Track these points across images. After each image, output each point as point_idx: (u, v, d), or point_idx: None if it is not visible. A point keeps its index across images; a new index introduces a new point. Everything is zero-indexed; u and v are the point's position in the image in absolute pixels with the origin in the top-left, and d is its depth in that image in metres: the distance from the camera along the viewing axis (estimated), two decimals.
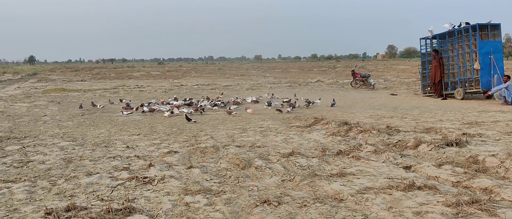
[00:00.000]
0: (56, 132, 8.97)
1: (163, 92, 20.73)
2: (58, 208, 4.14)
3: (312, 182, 4.97)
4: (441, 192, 4.48)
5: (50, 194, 4.73)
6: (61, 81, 30.41)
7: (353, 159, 6.10)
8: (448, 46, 16.50)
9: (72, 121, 10.80)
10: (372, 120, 10.04)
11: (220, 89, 22.26)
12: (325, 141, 7.56)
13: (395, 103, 14.77)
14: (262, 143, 7.47)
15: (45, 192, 4.79)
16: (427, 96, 17.06)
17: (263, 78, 31.98)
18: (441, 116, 10.62)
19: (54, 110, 13.39)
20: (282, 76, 34.77)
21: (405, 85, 22.99)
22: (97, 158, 6.43)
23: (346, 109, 12.92)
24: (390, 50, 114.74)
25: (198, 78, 33.73)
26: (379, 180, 5.00)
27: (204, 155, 6.58)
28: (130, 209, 4.13)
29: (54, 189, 4.89)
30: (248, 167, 5.76)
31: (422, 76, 17.95)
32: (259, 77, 34.21)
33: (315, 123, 9.41)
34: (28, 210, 4.21)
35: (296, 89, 21.54)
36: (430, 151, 6.38)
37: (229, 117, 11.22)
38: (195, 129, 9.15)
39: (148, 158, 6.38)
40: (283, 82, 26.99)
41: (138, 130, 9.15)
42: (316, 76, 32.55)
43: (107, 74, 40.54)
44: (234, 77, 33.97)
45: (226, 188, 4.86)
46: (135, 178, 5.23)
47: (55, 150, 7.09)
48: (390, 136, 7.67)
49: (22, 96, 18.14)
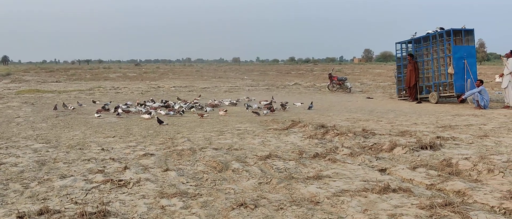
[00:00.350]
0: (29, 134, 8.80)
1: (140, 94, 20.55)
2: (30, 212, 4.06)
3: (288, 184, 4.99)
4: (415, 195, 4.54)
5: (23, 197, 4.64)
6: (36, 82, 29.88)
7: (329, 161, 6.14)
8: (423, 51, 16.78)
9: (46, 122, 10.62)
10: (349, 123, 10.12)
11: (198, 91, 22.17)
12: (302, 143, 7.59)
13: (371, 106, 14.93)
14: (239, 145, 7.47)
15: (17, 195, 4.69)
16: (402, 99, 17.32)
17: (241, 81, 31.98)
18: (415, 119, 10.77)
19: (28, 111, 13.15)
20: (260, 78, 34.83)
21: (381, 89, 23.28)
22: (71, 161, 6.33)
23: (323, 112, 13.00)
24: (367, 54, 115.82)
25: (176, 80, 33.53)
26: (355, 182, 5.05)
27: (180, 157, 6.54)
28: (105, 212, 4.07)
29: (27, 192, 4.79)
30: (225, 170, 5.74)
31: (398, 80, 18.22)
32: (237, 79, 34.20)
33: (293, 125, 9.44)
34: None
35: (274, 92, 21.60)
36: (405, 154, 6.47)
37: (205, 119, 11.17)
38: (172, 132, 9.09)
39: (123, 161, 6.30)
40: (261, 85, 27.03)
41: (113, 132, 9.04)
42: (293, 79, 32.70)
43: (83, 75, 39.96)
44: (212, 80, 33.89)
45: (202, 191, 4.84)
46: (110, 181, 5.16)
47: (28, 152, 6.96)
48: (366, 139, 7.74)
49: None
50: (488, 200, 4.29)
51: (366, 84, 26.99)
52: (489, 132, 8.40)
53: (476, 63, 15.74)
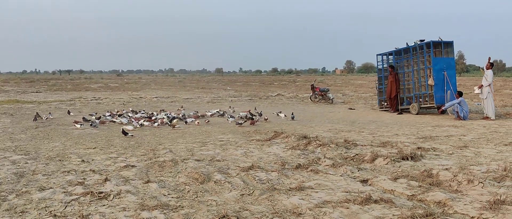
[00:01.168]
0: (8, 145, 8.65)
1: (122, 104, 20.38)
2: None
3: (271, 196, 4.97)
4: (397, 206, 4.56)
5: (0, 210, 4.54)
6: (15, 93, 29.45)
7: (311, 172, 6.15)
8: (403, 62, 16.98)
9: (26, 134, 10.45)
10: (331, 134, 10.16)
11: (180, 102, 22.08)
12: (285, 154, 7.59)
13: (353, 117, 15.03)
14: (222, 156, 7.43)
15: None
16: (384, 110, 17.47)
17: (224, 92, 31.97)
18: (397, 130, 10.87)
19: (7, 122, 12.93)
20: (243, 89, 34.87)
21: (362, 100, 23.47)
22: (50, 173, 6.23)
23: (306, 122, 13.04)
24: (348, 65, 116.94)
25: (158, 90, 33.38)
26: (337, 193, 5.06)
27: (162, 169, 6.48)
28: None
29: (4, 205, 4.69)
30: (207, 181, 5.71)
31: (379, 91, 18.39)
32: (220, 90, 34.19)
33: (275, 136, 9.45)
34: None
35: (257, 103, 21.62)
36: (386, 165, 6.51)
37: (188, 130, 11.12)
38: (154, 143, 9.02)
39: (104, 173, 6.22)
40: (244, 96, 27.05)
41: (94, 144, 8.93)
42: (276, 90, 32.81)
43: (64, 85, 39.52)
44: (195, 90, 33.82)
45: (184, 203, 4.79)
46: (90, 193, 5.09)
47: (6, 164, 6.83)
48: (348, 149, 7.78)
49: None
50: (468, 210, 4.33)
51: (348, 95, 27.20)
52: (469, 143, 8.52)
53: (455, 75, 15.98)
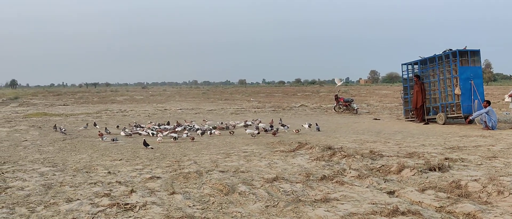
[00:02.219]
0: (36, 158, 8.81)
1: (147, 116, 20.60)
2: None
3: (296, 208, 4.94)
4: (425, 218, 4.48)
5: None
6: (43, 106, 30.07)
7: (337, 184, 6.09)
8: (429, 72, 16.76)
9: (53, 146, 10.64)
10: (356, 144, 10.07)
11: (204, 113, 22.21)
12: (309, 166, 7.54)
13: (378, 127, 14.86)
14: (246, 168, 7.43)
15: None
16: (410, 120, 17.23)
17: (247, 103, 32.03)
18: (423, 140, 10.70)
19: (35, 135, 13.19)
20: (266, 100, 34.89)
21: (387, 110, 23.21)
22: (77, 184, 6.31)
23: (330, 133, 12.95)
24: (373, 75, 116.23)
25: (182, 102, 33.65)
26: (363, 205, 4.99)
27: (187, 180, 6.50)
28: None
29: (33, 217, 4.77)
30: (232, 193, 5.70)
31: (404, 101, 18.17)
32: (243, 101, 34.27)
33: (299, 147, 9.40)
34: None
35: (280, 114, 21.59)
36: (413, 176, 6.40)
37: (213, 141, 11.15)
38: (179, 154, 9.08)
39: (130, 184, 6.28)
40: (267, 107, 27.04)
41: (120, 155, 9.03)
42: (300, 101, 32.72)
43: (90, 98, 40.23)
44: (218, 102, 33.98)
45: (209, 214, 4.80)
46: (116, 204, 5.14)
47: (34, 176, 6.95)
48: (374, 160, 7.69)
49: (2, 121, 17.85)
50: None
51: (372, 105, 26.94)
52: (498, 153, 8.32)
53: (483, 84, 15.67)
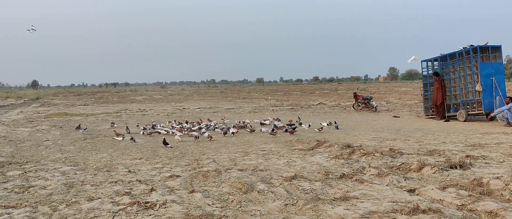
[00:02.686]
0: (58, 157, 8.95)
1: (166, 115, 20.74)
2: None
3: (315, 206, 4.93)
4: (446, 216, 4.43)
5: None
6: (64, 106, 30.50)
7: (356, 182, 6.06)
8: (449, 68, 16.55)
9: (74, 145, 10.79)
10: (375, 142, 10.00)
11: (222, 112, 22.28)
12: (328, 164, 7.52)
13: (398, 125, 14.74)
14: (264, 166, 7.43)
15: (45, 218, 4.75)
16: (430, 118, 17.05)
17: (265, 101, 32.03)
18: (444, 138, 10.58)
19: (56, 134, 13.38)
20: (284, 99, 34.85)
21: (407, 107, 23.00)
22: (98, 183, 6.39)
23: (349, 131, 12.88)
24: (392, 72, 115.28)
25: (200, 101, 33.82)
26: (383, 203, 4.96)
27: (206, 179, 6.54)
28: None
29: (55, 215, 4.85)
30: (251, 191, 5.71)
31: (424, 98, 17.99)
32: (261, 100, 34.28)
33: (318, 146, 9.37)
34: None
35: (298, 112, 21.55)
36: (434, 174, 6.34)
37: (231, 140, 11.18)
38: (197, 153, 9.12)
39: (150, 183, 6.34)
40: (285, 105, 27.01)
41: (140, 154, 9.12)
42: (318, 99, 32.61)
43: (110, 98, 40.69)
44: (236, 100, 34.06)
45: (228, 212, 4.81)
46: (136, 203, 5.19)
47: (56, 175, 7.06)
48: (394, 158, 7.62)
49: (25, 121, 18.16)
50: None
51: (392, 102, 26.71)
52: None
53: (504, 80, 15.43)
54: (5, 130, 14.50)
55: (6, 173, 7.21)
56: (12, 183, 6.48)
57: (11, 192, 5.91)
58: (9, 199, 5.57)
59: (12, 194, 5.83)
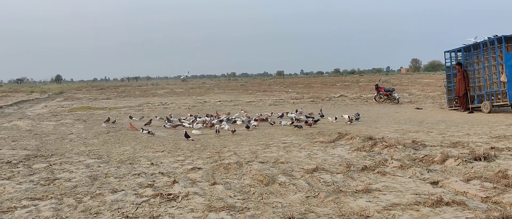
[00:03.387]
0: (82, 150, 9.10)
1: (187, 109, 20.88)
2: None
3: (337, 198, 4.91)
4: (470, 208, 4.37)
5: (76, 211, 4.78)
6: (87, 100, 30.92)
7: (378, 174, 6.02)
8: (473, 59, 16.25)
9: (98, 138, 10.95)
10: (397, 134, 9.90)
11: (243, 105, 22.31)
12: (350, 156, 7.48)
13: (421, 117, 14.57)
14: (285, 159, 7.43)
15: (71, 210, 4.84)
16: (453, 109, 16.80)
17: (286, 94, 31.97)
18: (468, 130, 10.42)
19: (80, 128, 13.60)
20: (304, 91, 34.72)
21: (430, 99, 22.70)
22: (122, 175, 6.48)
23: (371, 123, 12.79)
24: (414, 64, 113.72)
25: (221, 94, 33.92)
26: (406, 196, 4.91)
27: (227, 171, 6.57)
28: None
29: (80, 207, 4.93)
30: (272, 183, 5.72)
31: (448, 89, 17.71)
32: (282, 92, 34.22)
33: (339, 138, 9.33)
34: None
35: (319, 104, 21.46)
36: (458, 166, 6.25)
37: (252, 132, 11.20)
38: (219, 145, 9.17)
39: (172, 175, 6.40)
40: (306, 98, 26.92)
41: (162, 147, 9.21)
42: (339, 91, 32.40)
43: (132, 92, 41.10)
44: (257, 93, 34.06)
45: (250, 204, 4.83)
46: (159, 195, 5.25)
47: (81, 167, 7.18)
48: (416, 151, 7.55)
49: (49, 115, 18.49)
50: None
51: (414, 94, 26.38)
52: None
53: None
54: (30, 123, 14.79)
55: (32, 166, 7.36)
56: (38, 175, 6.61)
57: (37, 185, 6.03)
58: (35, 191, 5.69)
59: (38, 186, 5.96)
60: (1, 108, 22.61)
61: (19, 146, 9.77)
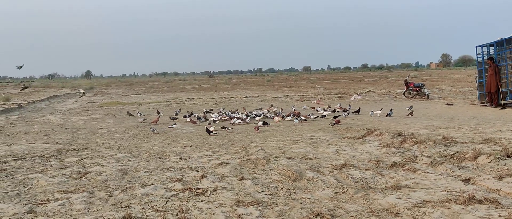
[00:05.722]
0: (112, 144, 9.25)
1: (214, 104, 20.98)
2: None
3: (366, 195, 4.87)
4: (503, 206, 4.27)
5: (107, 204, 4.87)
6: (117, 95, 31.42)
7: (408, 171, 5.94)
8: (506, 54, 15.84)
9: (127, 133, 11.11)
10: (428, 131, 9.74)
11: (270, 100, 22.30)
12: (379, 152, 7.40)
13: (451, 113, 14.30)
14: (313, 154, 7.40)
15: (102, 203, 4.93)
16: (485, 105, 16.43)
17: (313, 89, 31.80)
18: (500, 126, 10.17)
19: (110, 123, 13.82)
20: (331, 87, 34.48)
21: (461, 95, 22.24)
22: (151, 170, 6.57)
23: (400, 119, 12.61)
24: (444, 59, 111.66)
25: (248, 90, 33.96)
26: (437, 193, 4.84)
27: (255, 166, 6.59)
28: None
29: (111, 200, 5.02)
30: (300, 179, 5.71)
31: (479, 85, 17.31)
32: (309, 88, 34.06)
33: (368, 134, 9.23)
34: None
35: (347, 100, 21.29)
36: (490, 163, 6.11)
37: (279, 128, 11.18)
38: (246, 141, 9.19)
39: (200, 170, 6.45)
40: (333, 93, 26.73)
41: (190, 142, 9.29)
42: (367, 87, 32.06)
43: (160, 87, 41.56)
44: (283, 89, 33.98)
45: (278, 200, 4.84)
46: (188, 189, 5.30)
47: (111, 161, 7.30)
48: (447, 147, 7.41)
49: (80, 110, 18.86)
50: None
51: (444, 90, 25.89)
52: None
53: None
54: (62, 118, 15.12)
55: (64, 160, 7.53)
56: (70, 169, 6.76)
57: (69, 178, 6.17)
58: (68, 184, 5.82)
59: (70, 179, 6.09)
60: (33, 103, 23.19)
61: (51, 140, 10.00)
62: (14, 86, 50.10)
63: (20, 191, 5.49)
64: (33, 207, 4.79)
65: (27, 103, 22.50)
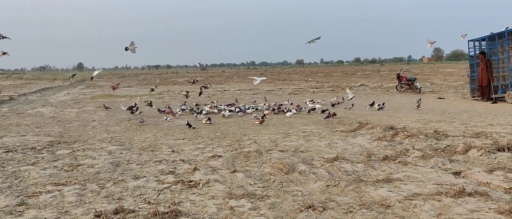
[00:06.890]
0: (104, 137, 9.22)
1: (207, 97, 20.94)
2: (107, 211, 4.25)
3: (357, 187, 4.90)
4: (493, 199, 4.32)
5: (99, 197, 4.86)
6: (109, 87, 31.25)
7: (400, 164, 5.98)
8: (498, 48, 15.92)
9: (119, 126, 11.07)
10: (419, 124, 9.80)
11: (262, 94, 22.29)
12: (370, 146, 7.44)
13: (443, 107, 14.39)
14: (305, 147, 7.43)
15: (94, 195, 4.92)
16: (476, 99, 16.54)
17: (305, 83, 31.82)
18: (491, 120, 10.25)
19: (102, 115, 13.77)
20: (324, 80, 34.52)
21: (452, 89, 22.37)
22: (143, 162, 6.56)
23: (392, 113, 12.67)
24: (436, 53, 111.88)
25: (240, 83, 33.91)
26: (428, 186, 4.88)
27: (247, 159, 6.60)
28: (177, 212, 4.19)
29: (103, 192, 5.02)
30: (292, 172, 5.73)
31: (471, 79, 17.41)
32: (301, 81, 34.08)
33: (360, 127, 9.28)
34: (78, 213, 4.33)
35: (339, 93, 21.32)
36: (481, 157, 6.17)
37: (271, 121, 11.19)
38: (238, 134, 9.20)
39: (193, 162, 6.45)
40: (325, 87, 26.77)
41: (183, 135, 9.28)
42: (359, 80, 32.15)
43: (153, 80, 41.41)
44: (276, 82, 33.97)
45: (270, 192, 4.86)
46: (180, 181, 5.31)
47: (103, 154, 7.29)
48: (438, 141, 7.46)
49: (72, 102, 18.78)
50: None
51: (436, 84, 26.02)
52: None
53: None
54: (53, 110, 15.05)
55: (55, 152, 7.50)
56: (61, 161, 6.73)
57: (61, 170, 6.15)
58: (59, 176, 5.80)
59: (61, 172, 6.07)
60: (25, 95, 23.04)
61: (43, 132, 9.95)
62: (5, 78, 49.70)
63: (11, 183, 5.47)
64: (25, 199, 4.78)
65: (18, 95, 22.37)
